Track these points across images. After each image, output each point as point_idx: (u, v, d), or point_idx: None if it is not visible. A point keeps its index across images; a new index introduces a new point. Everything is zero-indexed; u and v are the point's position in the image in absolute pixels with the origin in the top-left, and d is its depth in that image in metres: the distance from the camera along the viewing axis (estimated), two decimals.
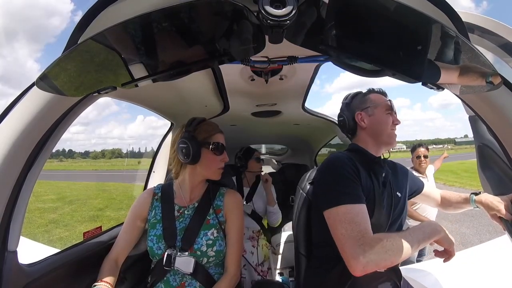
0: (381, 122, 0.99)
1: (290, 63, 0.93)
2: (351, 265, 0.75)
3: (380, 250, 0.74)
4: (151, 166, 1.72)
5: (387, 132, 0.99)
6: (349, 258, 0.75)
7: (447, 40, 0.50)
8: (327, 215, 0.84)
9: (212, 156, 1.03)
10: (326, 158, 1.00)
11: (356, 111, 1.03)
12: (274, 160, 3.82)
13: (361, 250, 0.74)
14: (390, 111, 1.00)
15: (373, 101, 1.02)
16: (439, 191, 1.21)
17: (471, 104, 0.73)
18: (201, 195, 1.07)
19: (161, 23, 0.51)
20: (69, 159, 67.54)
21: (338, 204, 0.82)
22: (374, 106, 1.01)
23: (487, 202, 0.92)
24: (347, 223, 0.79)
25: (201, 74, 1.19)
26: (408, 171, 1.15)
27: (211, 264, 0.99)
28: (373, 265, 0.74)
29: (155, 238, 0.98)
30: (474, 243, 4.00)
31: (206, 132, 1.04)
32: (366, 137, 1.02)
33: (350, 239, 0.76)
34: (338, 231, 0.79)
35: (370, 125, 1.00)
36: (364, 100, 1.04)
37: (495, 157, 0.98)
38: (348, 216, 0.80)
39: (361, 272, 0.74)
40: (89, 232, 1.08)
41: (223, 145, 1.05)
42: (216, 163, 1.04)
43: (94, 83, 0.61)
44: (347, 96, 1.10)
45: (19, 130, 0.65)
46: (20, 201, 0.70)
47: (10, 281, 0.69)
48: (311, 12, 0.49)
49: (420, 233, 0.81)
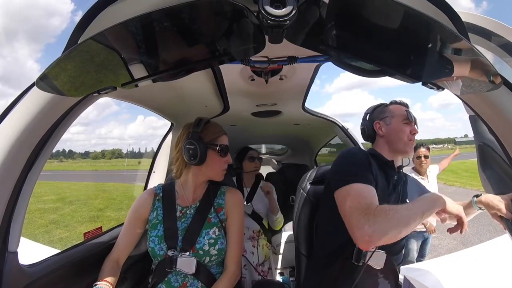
0: (398, 131, 1.04)
1: (290, 63, 0.93)
2: (357, 236, 0.75)
3: (384, 219, 0.75)
4: (151, 167, 1.72)
5: (404, 141, 1.04)
6: (354, 229, 0.76)
7: (447, 40, 0.50)
8: (337, 195, 0.88)
9: (217, 157, 1.04)
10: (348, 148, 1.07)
11: (375, 120, 1.10)
12: (274, 160, 3.82)
13: (365, 219, 0.75)
14: (407, 121, 1.05)
15: (391, 111, 1.09)
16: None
17: (471, 104, 0.73)
18: (202, 194, 1.07)
19: (161, 23, 0.51)
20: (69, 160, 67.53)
21: (349, 183, 0.86)
22: (391, 116, 1.08)
23: (488, 201, 0.92)
24: (355, 197, 0.82)
25: (201, 74, 1.19)
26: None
27: (213, 263, 0.99)
28: (378, 235, 0.73)
29: (157, 239, 0.98)
30: (474, 242, 3.99)
31: (213, 133, 1.04)
32: (383, 144, 1.08)
33: (356, 210, 0.79)
34: (346, 205, 0.82)
35: (387, 133, 1.06)
36: (384, 110, 1.11)
37: (495, 156, 0.97)
38: (356, 192, 0.84)
39: (367, 243, 0.74)
40: (90, 233, 1.08)
41: (228, 146, 1.06)
42: (221, 165, 1.05)
43: (94, 83, 0.61)
44: (370, 108, 1.18)
45: (19, 131, 0.65)
46: (20, 202, 0.70)
47: (10, 281, 0.69)
48: (311, 12, 0.49)
49: (424, 204, 0.82)
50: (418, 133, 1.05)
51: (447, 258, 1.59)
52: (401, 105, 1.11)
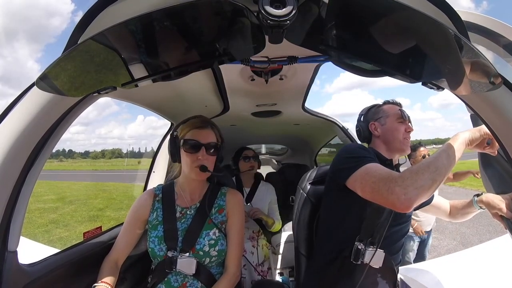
0: (393, 130, 1.06)
1: (290, 63, 0.93)
2: (393, 200, 0.73)
3: (410, 176, 0.74)
4: (151, 166, 1.72)
5: (399, 139, 1.05)
6: (387, 196, 0.74)
7: (447, 40, 0.50)
8: (353, 180, 0.86)
9: (185, 154, 0.99)
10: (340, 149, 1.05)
11: (370, 121, 1.12)
12: (274, 160, 3.82)
13: (393, 183, 0.74)
14: (402, 119, 1.07)
15: (385, 112, 1.10)
16: (448, 201, 1.21)
17: (471, 103, 0.73)
18: (202, 195, 1.07)
19: (161, 23, 0.51)
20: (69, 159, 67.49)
21: (361, 166, 0.86)
22: (386, 116, 1.09)
23: (488, 201, 0.92)
24: (375, 172, 0.82)
25: (201, 74, 1.19)
26: None
27: (213, 264, 0.99)
28: (413, 192, 0.71)
29: (157, 239, 0.98)
30: (474, 243, 4.00)
31: (183, 130, 1.02)
32: (380, 144, 1.09)
33: (381, 181, 0.78)
34: (368, 183, 0.81)
35: (383, 133, 1.08)
36: (378, 111, 1.12)
37: (497, 155, 0.98)
38: (373, 168, 0.84)
39: (408, 202, 0.72)
40: (89, 232, 1.08)
41: (197, 141, 0.98)
42: (191, 162, 0.99)
43: (94, 83, 0.61)
44: (364, 109, 1.19)
45: (19, 130, 0.65)
46: (20, 201, 0.70)
47: (10, 281, 0.69)
48: (311, 12, 0.49)
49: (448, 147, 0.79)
50: (416, 132, 1.06)
51: (447, 258, 1.59)
52: (394, 104, 1.13)
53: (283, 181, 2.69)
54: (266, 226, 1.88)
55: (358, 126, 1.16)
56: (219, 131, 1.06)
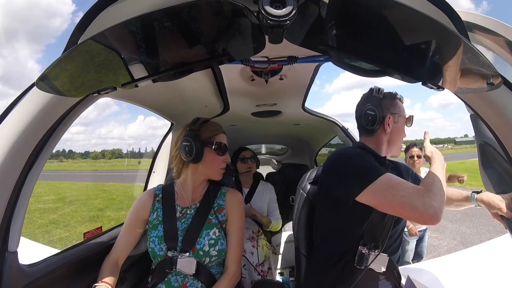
0: (401, 132, 1.02)
1: (290, 63, 0.93)
2: (429, 217, 0.72)
3: (437, 192, 0.75)
4: (151, 167, 1.72)
5: (399, 144, 1.02)
6: (423, 212, 0.72)
7: (447, 40, 0.50)
8: (367, 195, 0.80)
9: (214, 156, 1.03)
10: (334, 152, 1.00)
11: (387, 113, 1.00)
12: (274, 160, 3.82)
13: (428, 198, 0.73)
14: (409, 124, 1.04)
15: (401, 109, 1.03)
16: None
17: (471, 103, 0.73)
18: (203, 195, 1.07)
19: (161, 23, 0.51)
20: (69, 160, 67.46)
21: (377, 177, 0.79)
22: (400, 114, 1.02)
23: (489, 201, 0.92)
24: (399, 186, 0.77)
25: (201, 74, 1.19)
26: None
27: (213, 264, 0.99)
28: (441, 206, 0.73)
29: (157, 239, 0.98)
30: (474, 242, 4.00)
31: (210, 131, 1.03)
32: (382, 140, 1.01)
33: (413, 195, 0.74)
34: (397, 196, 0.76)
35: (392, 131, 1.00)
36: (394, 104, 1.02)
37: (496, 155, 0.97)
38: (394, 181, 0.78)
39: (440, 216, 0.73)
40: (90, 233, 1.08)
41: (226, 145, 1.05)
42: (218, 163, 1.04)
43: (94, 83, 0.61)
44: (379, 90, 1.02)
45: (19, 131, 0.65)
46: (20, 202, 0.70)
47: (10, 281, 0.69)
48: (311, 12, 0.49)
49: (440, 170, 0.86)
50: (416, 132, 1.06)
51: (447, 258, 1.59)
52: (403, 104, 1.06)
53: (283, 181, 2.69)
54: (263, 225, 1.88)
55: (375, 111, 0.98)
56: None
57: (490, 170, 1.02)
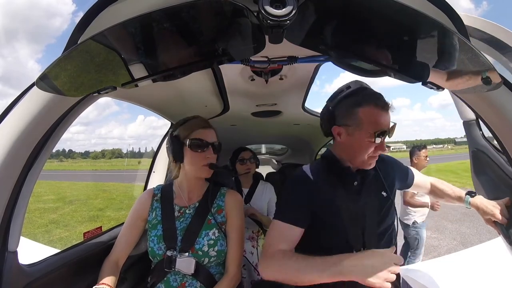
0: (360, 146, 0.85)
1: (290, 63, 0.93)
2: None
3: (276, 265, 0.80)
4: (151, 166, 1.72)
5: (362, 159, 0.86)
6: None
7: (447, 40, 0.50)
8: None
9: (192, 153, 1.00)
10: (295, 172, 0.99)
11: (335, 123, 0.89)
12: (274, 160, 3.82)
13: (264, 258, 0.85)
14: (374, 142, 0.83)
15: (359, 120, 0.84)
16: (429, 179, 1.16)
17: (471, 104, 0.73)
18: (202, 195, 1.07)
19: (161, 23, 0.51)
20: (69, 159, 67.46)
21: (275, 218, 0.90)
22: (357, 127, 0.84)
23: (483, 207, 0.92)
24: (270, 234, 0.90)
25: (201, 74, 1.19)
26: (396, 162, 1.06)
27: (212, 264, 0.99)
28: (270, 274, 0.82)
29: (156, 238, 0.98)
30: (474, 243, 4.00)
31: (187, 129, 1.02)
32: (341, 150, 0.92)
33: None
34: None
35: (346, 142, 0.88)
36: (350, 113, 0.86)
37: (489, 161, 0.98)
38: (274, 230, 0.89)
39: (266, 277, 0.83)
40: (89, 232, 1.08)
41: (203, 140, 0.99)
42: (199, 160, 1.00)
43: (94, 83, 0.61)
44: (334, 96, 0.91)
45: (19, 130, 0.65)
46: (20, 201, 0.70)
47: (10, 281, 0.69)
48: (311, 12, 0.49)
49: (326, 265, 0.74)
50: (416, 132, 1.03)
51: (447, 258, 1.59)
52: (378, 109, 0.83)
53: (283, 181, 2.69)
54: (263, 225, 1.88)
55: (322, 119, 0.93)
56: (215, 131, 1.08)
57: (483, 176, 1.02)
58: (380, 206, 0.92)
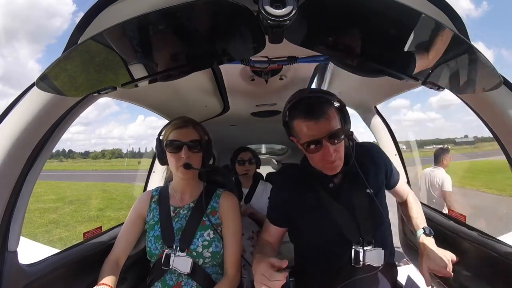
0: (308, 156, 0.89)
1: (290, 63, 0.93)
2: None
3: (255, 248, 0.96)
4: (151, 167, 1.72)
5: (318, 166, 0.88)
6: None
7: (447, 40, 0.50)
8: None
9: (169, 154, 1.00)
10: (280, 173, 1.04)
11: (290, 134, 0.91)
12: (274, 160, 3.82)
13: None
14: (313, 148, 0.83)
15: (296, 133, 0.86)
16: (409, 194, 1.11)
17: (471, 104, 0.73)
18: (198, 195, 1.07)
19: (161, 23, 0.51)
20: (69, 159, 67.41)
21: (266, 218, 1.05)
22: (298, 139, 0.87)
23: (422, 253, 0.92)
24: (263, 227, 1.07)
25: (201, 74, 1.19)
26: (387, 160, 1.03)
27: (208, 265, 0.99)
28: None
29: (153, 238, 0.99)
30: None
31: (166, 131, 1.03)
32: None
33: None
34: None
35: (302, 152, 0.91)
36: (292, 126, 0.87)
37: None
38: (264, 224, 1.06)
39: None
40: (89, 232, 1.08)
41: (176, 141, 0.98)
42: (175, 161, 0.99)
43: (94, 83, 0.61)
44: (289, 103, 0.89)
45: (19, 130, 0.65)
46: (20, 201, 0.70)
47: (10, 281, 0.69)
48: (311, 12, 0.49)
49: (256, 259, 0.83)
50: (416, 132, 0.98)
51: None
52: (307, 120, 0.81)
53: None
54: (263, 225, 1.87)
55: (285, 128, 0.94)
56: (202, 128, 1.07)
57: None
58: (368, 203, 0.93)
